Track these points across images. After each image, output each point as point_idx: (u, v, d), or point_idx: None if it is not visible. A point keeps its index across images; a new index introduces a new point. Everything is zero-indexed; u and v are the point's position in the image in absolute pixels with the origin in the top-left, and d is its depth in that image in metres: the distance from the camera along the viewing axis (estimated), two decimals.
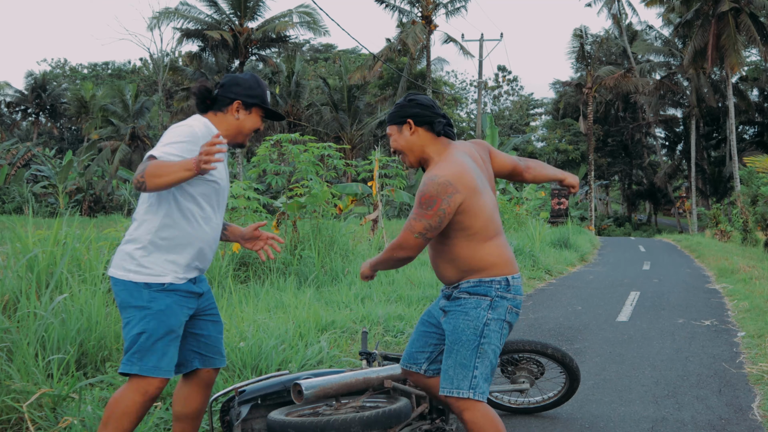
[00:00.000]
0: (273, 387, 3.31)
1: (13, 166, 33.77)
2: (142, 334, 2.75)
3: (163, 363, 2.78)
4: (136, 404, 2.76)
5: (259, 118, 2.97)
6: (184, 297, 2.84)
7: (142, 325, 2.75)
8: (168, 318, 2.78)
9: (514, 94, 67.83)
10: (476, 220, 2.76)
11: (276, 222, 9.61)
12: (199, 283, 2.93)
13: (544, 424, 4.14)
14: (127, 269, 2.78)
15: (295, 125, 37.62)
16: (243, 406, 3.25)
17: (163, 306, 2.77)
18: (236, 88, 2.90)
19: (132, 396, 2.76)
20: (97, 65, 67.57)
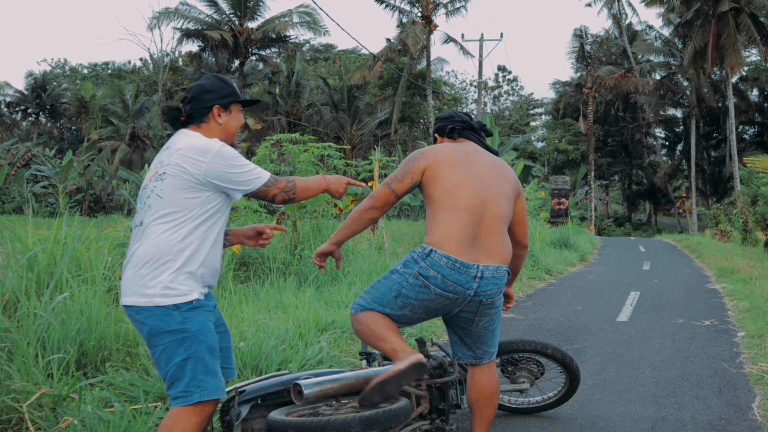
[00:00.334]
0: (273, 387, 3.31)
1: (13, 166, 33.78)
2: (188, 360, 2.64)
3: (219, 382, 2.72)
4: (194, 426, 2.68)
5: (239, 113, 2.93)
6: (209, 312, 2.79)
7: (184, 350, 2.64)
8: (206, 336, 2.70)
9: (514, 94, 67.85)
10: (436, 189, 3.06)
11: (276, 222, 9.61)
12: (209, 297, 2.90)
13: (544, 424, 4.14)
14: (150, 294, 2.64)
15: (295, 125, 37.63)
16: (243, 406, 3.24)
17: (199, 325, 2.69)
18: (208, 95, 2.84)
19: (192, 419, 2.66)
20: (97, 65, 67.59)
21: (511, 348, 4.09)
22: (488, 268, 3.00)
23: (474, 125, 3.36)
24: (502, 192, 3.11)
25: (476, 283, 2.99)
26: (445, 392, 3.63)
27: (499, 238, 3.07)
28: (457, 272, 2.96)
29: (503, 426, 4.10)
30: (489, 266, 3.01)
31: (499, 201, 3.07)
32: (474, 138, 3.32)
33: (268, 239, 3.13)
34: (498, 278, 3.06)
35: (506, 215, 3.11)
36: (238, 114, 2.92)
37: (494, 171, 3.14)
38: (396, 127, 38.73)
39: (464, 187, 3.03)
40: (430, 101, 32.70)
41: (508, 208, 3.12)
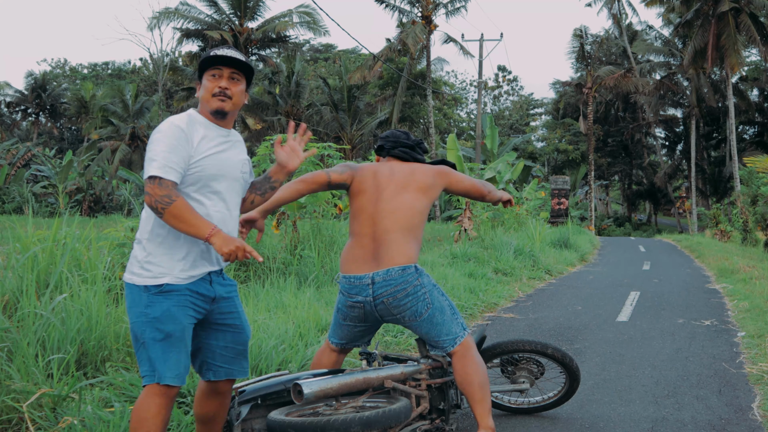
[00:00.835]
0: (273, 387, 3.31)
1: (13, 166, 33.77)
2: (146, 344, 2.71)
3: (175, 370, 2.72)
4: (154, 408, 2.70)
5: (209, 76, 2.84)
6: (187, 297, 2.75)
7: (140, 331, 2.71)
8: (164, 324, 2.70)
9: (514, 94, 67.84)
10: (351, 209, 3.67)
11: (276, 222, 9.61)
12: (214, 286, 2.85)
13: (544, 424, 4.14)
14: (132, 272, 2.77)
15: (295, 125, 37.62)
16: (243, 406, 3.24)
17: (159, 312, 2.70)
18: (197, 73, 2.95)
19: (153, 401, 2.71)
20: (97, 65, 67.60)
21: (511, 348, 4.09)
22: (378, 274, 3.43)
23: (407, 143, 3.74)
24: (404, 201, 3.57)
25: (371, 289, 3.43)
26: (445, 392, 3.63)
27: (390, 246, 3.48)
28: (353, 286, 3.48)
29: (503, 426, 4.10)
30: (378, 272, 3.43)
31: (394, 212, 3.53)
32: (402, 154, 3.72)
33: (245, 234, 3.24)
34: (390, 279, 3.42)
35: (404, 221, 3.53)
36: (207, 79, 2.86)
37: (400, 184, 3.59)
38: (396, 127, 38.72)
39: (362, 213, 3.58)
40: (430, 101, 32.70)
41: (414, 207, 3.57)
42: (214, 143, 2.83)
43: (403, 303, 3.45)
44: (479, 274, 10.35)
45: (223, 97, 2.82)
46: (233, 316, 2.93)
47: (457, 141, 16.50)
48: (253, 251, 2.68)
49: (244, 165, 2.94)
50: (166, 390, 2.71)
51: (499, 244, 13.27)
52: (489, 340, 4.79)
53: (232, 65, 2.85)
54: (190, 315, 2.77)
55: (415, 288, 3.46)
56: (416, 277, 3.49)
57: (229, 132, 2.94)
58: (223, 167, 2.83)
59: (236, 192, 2.92)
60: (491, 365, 4.22)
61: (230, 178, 2.87)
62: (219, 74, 2.84)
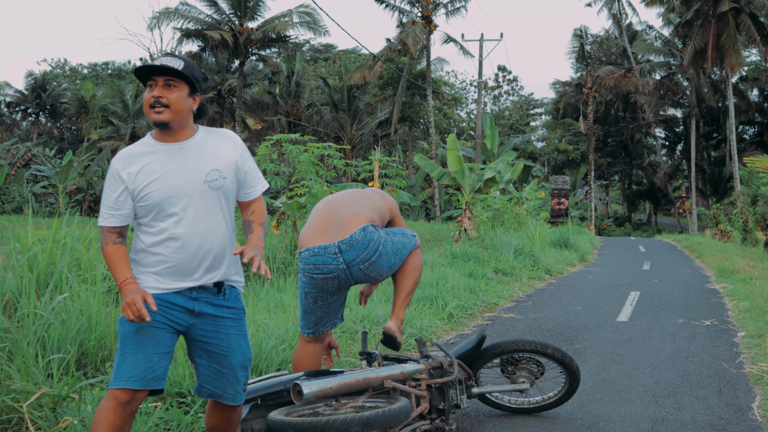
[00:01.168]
0: (273, 387, 3.31)
1: (13, 166, 33.77)
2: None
3: (119, 373, 2.67)
4: (108, 410, 2.66)
5: (147, 88, 2.77)
6: (159, 304, 2.70)
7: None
8: (123, 325, 2.71)
9: (514, 94, 67.85)
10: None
11: (276, 222, 9.61)
12: (198, 303, 2.79)
13: (544, 424, 4.14)
14: None
15: (295, 125, 37.63)
16: (243, 406, 3.24)
17: (123, 315, 2.71)
18: None
19: (106, 403, 2.69)
20: (97, 65, 67.61)
21: (511, 348, 4.09)
22: (343, 242, 3.50)
23: None
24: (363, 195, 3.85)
25: (340, 257, 3.51)
26: (444, 392, 3.63)
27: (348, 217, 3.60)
28: (318, 256, 3.53)
29: (503, 426, 4.10)
30: (343, 240, 3.51)
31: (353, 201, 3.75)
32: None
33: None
34: (357, 243, 3.50)
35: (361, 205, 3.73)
36: (146, 91, 2.78)
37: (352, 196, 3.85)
38: (396, 127, 38.73)
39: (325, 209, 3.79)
40: (430, 101, 32.70)
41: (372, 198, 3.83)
42: (160, 166, 2.74)
43: (379, 265, 3.59)
44: (479, 274, 10.35)
45: (159, 107, 2.71)
46: (218, 337, 2.83)
47: (457, 141, 16.49)
48: (143, 312, 2.58)
49: (210, 174, 2.78)
50: (116, 393, 2.65)
51: (499, 244, 13.27)
52: (489, 340, 4.78)
53: (164, 73, 2.73)
54: (156, 320, 2.70)
55: (383, 246, 3.59)
56: (377, 234, 3.60)
57: (185, 143, 2.79)
58: (174, 187, 2.74)
59: (206, 202, 2.78)
60: (491, 365, 4.22)
61: (188, 195, 2.75)
62: (154, 84, 2.74)
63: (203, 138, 2.84)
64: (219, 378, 2.85)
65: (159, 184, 2.72)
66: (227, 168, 2.83)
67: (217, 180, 2.79)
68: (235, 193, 2.91)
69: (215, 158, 2.82)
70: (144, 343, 2.69)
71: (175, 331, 2.78)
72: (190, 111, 2.80)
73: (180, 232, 2.74)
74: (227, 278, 2.86)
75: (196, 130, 2.85)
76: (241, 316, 2.90)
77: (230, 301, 2.88)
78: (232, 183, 2.86)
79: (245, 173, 2.92)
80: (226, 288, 2.86)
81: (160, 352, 2.72)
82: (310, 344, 3.80)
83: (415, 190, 35.43)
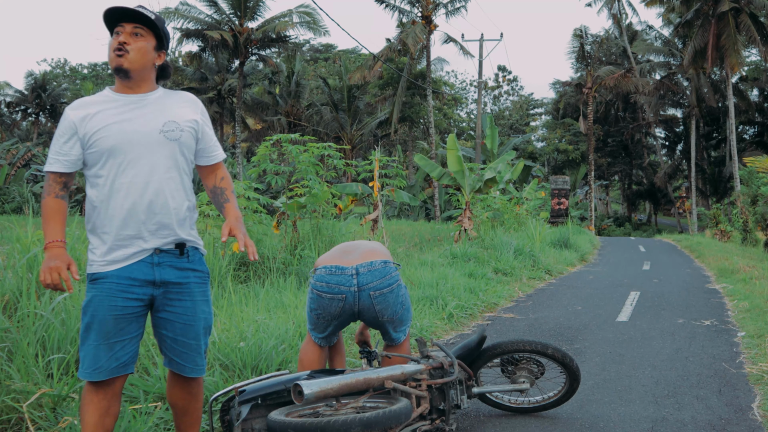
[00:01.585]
0: (273, 387, 3.31)
1: (13, 166, 33.77)
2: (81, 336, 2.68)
3: (84, 364, 2.63)
4: (86, 400, 2.65)
5: (114, 35, 2.70)
6: (114, 285, 2.62)
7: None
8: (86, 314, 2.63)
9: (514, 94, 67.86)
10: None
11: (276, 222, 9.61)
12: (160, 269, 2.68)
13: (544, 424, 4.14)
14: None
15: (295, 125, 37.63)
16: (243, 405, 3.25)
17: (84, 302, 2.65)
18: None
19: (84, 394, 2.68)
20: (97, 65, 67.62)
21: (511, 348, 4.09)
22: (362, 266, 3.58)
23: None
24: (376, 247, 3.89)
25: (355, 279, 3.55)
26: (445, 392, 3.63)
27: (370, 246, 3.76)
28: (334, 275, 3.58)
29: (503, 426, 4.10)
30: (363, 264, 3.59)
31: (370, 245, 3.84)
32: None
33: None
34: (375, 270, 3.57)
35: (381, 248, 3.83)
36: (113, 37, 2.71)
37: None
38: (396, 127, 38.74)
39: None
40: (430, 101, 32.70)
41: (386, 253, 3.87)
42: (114, 113, 2.67)
43: (387, 301, 3.62)
44: (479, 274, 10.35)
45: (120, 52, 2.65)
46: (183, 306, 2.73)
47: (457, 141, 16.50)
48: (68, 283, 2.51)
49: (167, 125, 2.71)
50: (91, 385, 2.64)
51: (499, 244, 13.27)
52: (489, 340, 4.78)
53: (134, 20, 2.68)
54: (119, 305, 2.62)
55: (398, 287, 3.67)
56: (397, 275, 3.70)
57: (144, 96, 2.73)
58: (128, 134, 2.65)
59: (162, 154, 2.69)
60: (491, 365, 4.22)
61: (141, 144, 2.66)
62: (121, 30, 2.68)
63: (164, 95, 2.81)
64: (186, 350, 2.78)
65: (111, 130, 2.64)
66: (186, 123, 2.77)
67: (174, 131, 2.71)
68: (193, 151, 2.83)
69: (174, 113, 2.76)
70: (107, 333, 2.61)
71: (141, 309, 2.68)
72: (152, 65, 2.76)
73: (132, 182, 2.64)
74: (188, 239, 2.74)
75: (156, 87, 2.81)
76: (206, 280, 2.82)
77: (195, 263, 2.77)
78: (189, 138, 2.78)
79: (203, 134, 2.85)
80: (189, 249, 2.74)
81: (124, 338, 2.65)
82: (317, 344, 3.83)
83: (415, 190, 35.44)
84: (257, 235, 8.91)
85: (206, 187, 2.99)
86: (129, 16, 2.68)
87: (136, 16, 2.67)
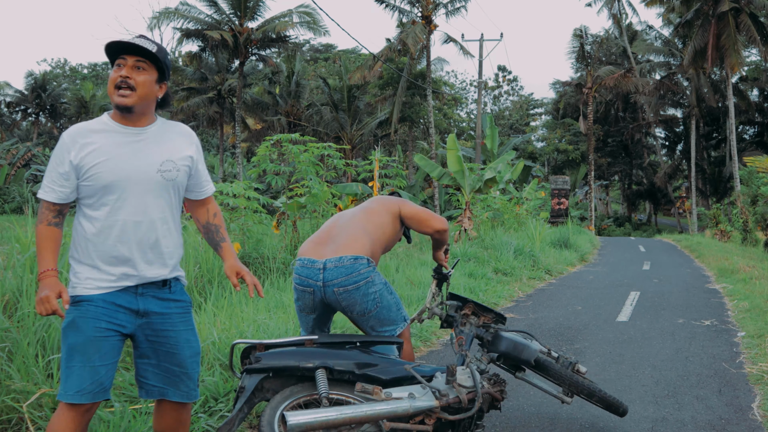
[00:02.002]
0: (286, 361, 3.14)
1: (13, 166, 33.77)
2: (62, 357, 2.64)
3: (66, 387, 2.57)
4: (64, 422, 2.58)
5: (115, 67, 2.66)
6: (100, 308, 2.60)
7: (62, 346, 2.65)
8: (67, 336, 2.59)
9: (514, 94, 67.85)
10: None
11: (276, 222, 9.61)
12: (143, 299, 2.68)
13: (544, 424, 4.14)
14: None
15: (295, 125, 37.63)
16: (253, 376, 3.10)
17: (65, 324, 2.61)
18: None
19: (58, 416, 2.61)
20: (97, 65, 67.61)
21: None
22: (330, 261, 3.53)
23: None
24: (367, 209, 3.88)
25: (321, 274, 3.52)
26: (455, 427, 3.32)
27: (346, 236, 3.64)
28: (305, 268, 3.58)
29: (503, 426, 4.10)
30: (331, 259, 3.54)
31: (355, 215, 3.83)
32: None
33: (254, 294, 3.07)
34: (342, 267, 3.50)
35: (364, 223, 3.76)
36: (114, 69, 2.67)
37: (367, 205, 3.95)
38: (396, 127, 38.72)
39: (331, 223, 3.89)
40: (430, 101, 32.70)
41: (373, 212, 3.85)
42: (112, 147, 2.63)
43: (353, 298, 3.53)
44: (479, 274, 10.35)
45: (125, 89, 2.61)
46: (165, 335, 2.72)
47: (457, 141, 16.49)
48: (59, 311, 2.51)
49: (164, 164, 2.70)
50: (69, 407, 2.57)
51: (499, 244, 13.27)
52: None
53: (136, 53, 2.63)
54: (101, 327, 2.60)
55: (367, 284, 3.53)
56: (368, 271, 3.55)
57: (143, 129, 2.70)
58: (125, 171, 2.63)
59: (156, 192, 2.69)
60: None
61: (138, 182, 2.65)
62: (123, 63, 2.64)
63: (161, 128, 2.76)
64: (169, 376, 2.75)
65: (108, 165, 2.61)
66: (182, 161, 2.76)
67: (171, 171, 2.71)
68: (185, 187, 2.84)
69: (171, 149, 2.74)
70: (91, 356, 2.58)
71: (121, 336, 2.67)
72: (155, 98, 2.71)
73: (126, 220, 2.64)
74: (172, 275, 2.77)
75: (155, 119, 2.77)
76: (188, 309, 2.81)
77: (176, 294, 2.78)
78: (184, 177, 2.79)
79: (196, 170, 2.86)
80: (171, 281, 2.75)
81: (107, 363, 2.62)
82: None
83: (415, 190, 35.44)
84: (257, 235, 8.91)
85: (197, 221, 2.99)
86: (131, 49, 2.63)
87: (138, 49, 2.63)
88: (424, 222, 3.91)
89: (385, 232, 3.82)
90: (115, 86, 2.62)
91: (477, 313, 3.94)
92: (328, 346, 3.31)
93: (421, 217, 3.91)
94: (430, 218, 3.93)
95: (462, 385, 3.35)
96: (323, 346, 3.28)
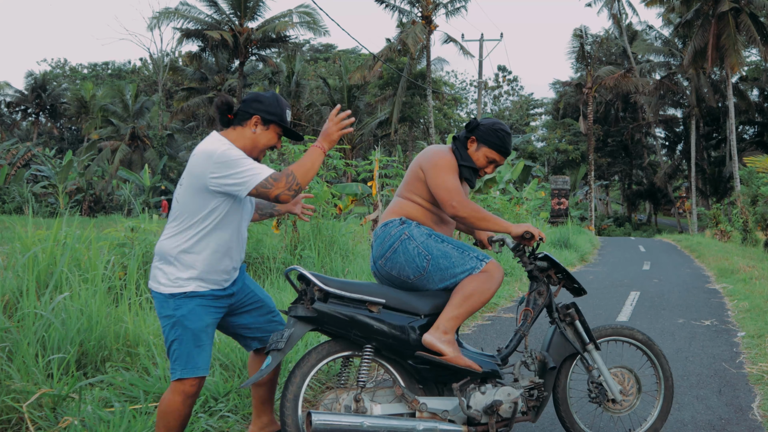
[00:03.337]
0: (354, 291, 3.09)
1: (13, 166, 33.77)
2: (175, 341, 2.95)
3: (192, 363, 2.95)
4: (176, 403, 2.96)
5: (276, 135, 3.08)
6: (210, 299, 3.00)
7: (172, 333, 2.95)
8: (191, 322, 2.95)
9: (514, 94, 67.87)
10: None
11: (276, 222, 9.61)
12: (230, 285, 3.09)
13: (544, 424, 4.13)
14: (159, 282, 2.99)
15: (295, 125, 37.64)
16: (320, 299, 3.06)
17: (186, 311, 2.94)
18: (256, 104, 3.03)
19: (171, 397, 2.97)
20: (97, 65, 67.65)
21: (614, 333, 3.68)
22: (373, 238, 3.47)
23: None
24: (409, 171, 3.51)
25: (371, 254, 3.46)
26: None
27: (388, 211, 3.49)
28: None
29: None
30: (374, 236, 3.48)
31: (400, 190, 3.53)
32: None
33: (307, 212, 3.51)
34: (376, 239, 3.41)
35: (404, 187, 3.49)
36: (273, 134, 3.07)
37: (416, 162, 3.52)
38: (396, 127, 38.75)
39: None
40: (430, 101, 32.70)
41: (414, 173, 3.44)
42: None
43: (398, 263, 3.27)
44: None
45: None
46: (250, 296, 3.19)
47: None
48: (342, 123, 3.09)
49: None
50: (194, 381, 2.96)
51: None
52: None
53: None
54: (212, 314, 3.02)
55: (403, 242, 3.26)
56: (402, 229, 3.29)
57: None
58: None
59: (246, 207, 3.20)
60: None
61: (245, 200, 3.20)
62: (279, 140, 3.15)
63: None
64: (269, 323, 3.22)
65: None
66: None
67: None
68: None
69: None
70: (210, 336, 3.02)
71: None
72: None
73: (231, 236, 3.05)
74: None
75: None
76: (244, 269, 3.25)
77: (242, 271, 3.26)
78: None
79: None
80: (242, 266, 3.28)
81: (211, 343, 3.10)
82: None
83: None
84: (257, 235, 8.91)
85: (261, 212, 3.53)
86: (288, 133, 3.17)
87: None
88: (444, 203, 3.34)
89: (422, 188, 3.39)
90: (269, 148, 3.15)
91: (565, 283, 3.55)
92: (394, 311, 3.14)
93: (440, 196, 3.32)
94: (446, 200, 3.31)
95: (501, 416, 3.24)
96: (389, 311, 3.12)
